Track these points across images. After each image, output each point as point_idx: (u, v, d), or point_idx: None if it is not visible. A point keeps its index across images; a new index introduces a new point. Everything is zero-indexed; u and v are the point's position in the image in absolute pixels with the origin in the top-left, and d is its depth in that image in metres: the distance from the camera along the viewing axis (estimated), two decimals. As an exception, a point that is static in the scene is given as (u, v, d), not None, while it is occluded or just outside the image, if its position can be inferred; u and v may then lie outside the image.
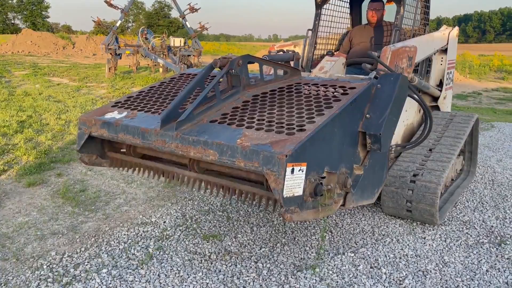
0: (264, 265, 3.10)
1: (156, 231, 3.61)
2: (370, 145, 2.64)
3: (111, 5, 14.51)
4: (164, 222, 3.79)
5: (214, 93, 2.69)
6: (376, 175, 2.87)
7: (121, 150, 3.15)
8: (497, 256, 3.28)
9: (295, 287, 2.83)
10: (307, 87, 2.85)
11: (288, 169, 2.08)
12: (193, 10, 15.20)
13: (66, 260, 3.15)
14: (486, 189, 4.78)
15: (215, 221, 3.81)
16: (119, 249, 3.32)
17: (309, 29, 4.56)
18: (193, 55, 15.40)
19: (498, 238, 3.59)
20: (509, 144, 7.06)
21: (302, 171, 2.17)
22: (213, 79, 3.28)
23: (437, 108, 5.17)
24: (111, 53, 14.79)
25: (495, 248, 3.40)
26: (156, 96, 3.09)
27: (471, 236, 3.61)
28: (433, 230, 3.69)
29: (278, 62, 3.19)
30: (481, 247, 3.42)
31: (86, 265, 3.08)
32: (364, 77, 4.16)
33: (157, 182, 4.80)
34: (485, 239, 3.55)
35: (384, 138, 2.61)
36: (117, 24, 15.26)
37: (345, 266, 3.10)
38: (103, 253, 3.25)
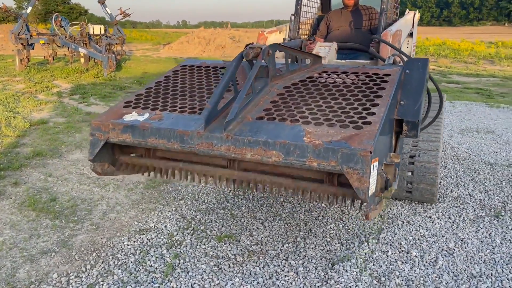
0: (296, 261, 2.97)
1: (161, 237, 3.30)
2: (406, 132, 2.61)
3: (19, -11, 13.05)
4: (165, 226, 3.48)
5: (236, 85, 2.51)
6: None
7: (131, 154, 2.80)
8: (502, 228, 3.47)
9: (339, 281, 2.75)
10: (338, 75, 2.74)
11: (371, 166, 1.97)
12: (113, -5, 14.19)
13: (75, 281, 2.75)
14: (455, 164, 5.07)
15: (220, 220, 3.58)
16: (131, 261, 2.98)
17: (292, 14, 4.43)
18: (116, 43, 14.45)
19: (492, 210, 3.80)
20: (450, 120, 7.57)
21: (377, 166, 2.08)
22: (218, 70, 3.05)
23: None
24: (22, 43, 13.35)
25: (496, 220, 3.60)
26: (171, 93, 2.77)
27: (468, 211, 3.79)
28: (433, 208, 3.82)
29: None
30: (483, 220, 3.61)
31: (102, 284, 2.72)
32: (363, 61, 4.15)
33: (135, 183, 4.41)
34: (482, 213, 3.75)
35: (420, 124, 2.60)
36: (27, 11, 13.77)
37: (376, 253, 3.08)
38: (114, 268, 2.90)
